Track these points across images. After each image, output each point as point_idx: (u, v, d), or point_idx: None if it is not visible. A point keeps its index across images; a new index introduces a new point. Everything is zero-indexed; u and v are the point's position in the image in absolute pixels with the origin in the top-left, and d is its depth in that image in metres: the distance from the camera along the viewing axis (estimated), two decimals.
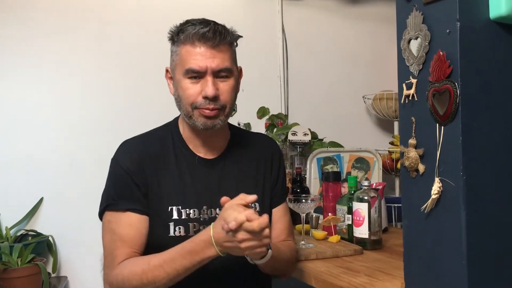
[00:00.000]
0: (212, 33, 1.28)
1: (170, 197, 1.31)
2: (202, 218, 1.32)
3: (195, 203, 1.32)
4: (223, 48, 1.31)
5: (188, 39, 1.28)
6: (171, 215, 1.30)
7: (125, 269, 1.24)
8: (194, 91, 1.29)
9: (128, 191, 1.30)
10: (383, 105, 2.56)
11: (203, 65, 1.27)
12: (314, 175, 2.31)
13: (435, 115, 1.01)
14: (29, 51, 2.27)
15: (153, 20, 2.44)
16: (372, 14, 2.85)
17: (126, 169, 1.31)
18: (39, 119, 2.28)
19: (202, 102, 1.29)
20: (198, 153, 1.38)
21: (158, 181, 1.32)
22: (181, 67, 1.30)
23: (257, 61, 2.63)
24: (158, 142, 1.38)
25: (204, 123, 1.31)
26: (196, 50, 1.28)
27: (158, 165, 1.33)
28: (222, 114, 1.32)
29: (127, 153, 1.34)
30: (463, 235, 0.96)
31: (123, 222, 1.28)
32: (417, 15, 1.05)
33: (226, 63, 1.31)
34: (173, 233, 1.30)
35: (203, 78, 1.29)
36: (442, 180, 1.00)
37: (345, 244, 1.63)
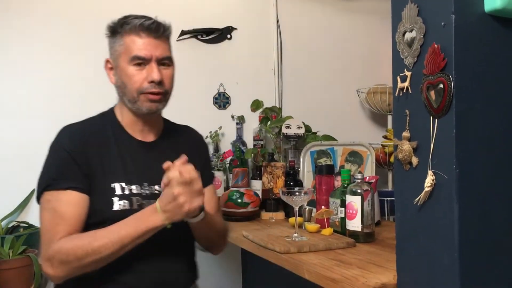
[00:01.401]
0: (157, 25, 1.40)
1: (112, 175, 1.38)
2: (144, 193, 1.40)
3: (136, 180, 1.41)
4: (164, 39, 1.43)
5: (133, 30, 1.38)
6: (114, 191, 1.37)
7: (68, 242, 1.28)
8: (140, 77, 1.38)
9: (70, 170, 1.35)
10: (377, 99, 2.56)
11: (148, 53, 1.38)
12: (308, 168, 2.31)
13: (429, 108, 1.01)
14: (17, 42, 2.25)
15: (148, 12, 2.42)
16: (367, 8, 2.85)
17: (68, 150, 1.37)
18: (31, 110, 2.26)
19: (148, 87, 1.39)
20: (136, 137, 1.48)
21: (100, 160, 1.39)
22: (126, 55, 1.39)
23: (252, 54, 2.63)
24: (98, 127, 1.46)
25: (149, 107, 1.40)
26: (142, 39, 1.38)
27: (99, 145, 1.41)
28: (164, 99, 1.43)
29: (68, 135, 1.41)
30: (456, 228, 0.96)
31: (64, 200, 1.33)
32: (412, 8, 1.05)
33: (168, 52, 1.43)
34: (117, 208, 1.36)
35: (148, 65, 1.39)
36: (435, 172, 1.00)
37: (338, 237, 1.64)
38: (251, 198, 2.09)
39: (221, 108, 2.57)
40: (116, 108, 1.51)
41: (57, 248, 1.28)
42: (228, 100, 2.58)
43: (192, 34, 2.51)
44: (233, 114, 2.57)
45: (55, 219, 1.31)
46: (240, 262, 2.59)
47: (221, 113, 2.57)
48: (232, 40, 2.59)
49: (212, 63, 2.56)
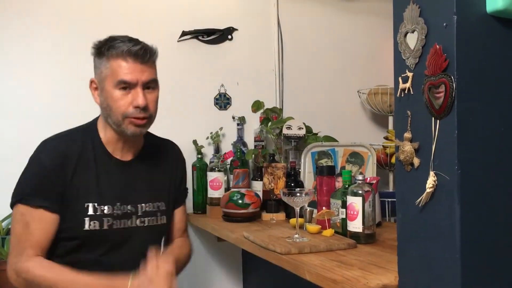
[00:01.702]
0: (144, 51, 1.43)
1: (86, 195, 1.44)
2: (115, 213, 1.47)
3: (109, 200, 1.47)
4: (150, 63, 1.47)
5: (120, 55, 1.41)
6: (87, 211, 1.43)
7: (37, 269, 1.36)
8: (125, 102, 1.42)
9: (45, 188, 1.40)
10: (378, 100, 2.56)
11: (134, 78, 1.41)
12: (309, 169, 2.31)
13: (431, 108, 1.01)
14: (17, 42, 2.25)
15: (150, 14, 2.43)
16: (368, 8, 2.84)
17: (46, 167, 1.41)
18: (31, 110, 2.26)
19: (133, 112, 1.42)
20: (115, 156, 1.53)
21: (76, 180, 1.44)
22: (112, 79, 1.42)
23: (252, 54, 2.63)
24: (78, 143, 1.49)
25: (133, 131, 1.45)
26: (128, 64, 1.41)
27: (77, 164, 1.45)
28: (149, 123, 1.48)
29: (48, 151, 1.45)
30: (457, 229, 0.96)
31: (36, 218, 1.39)
32: (414, 8, 1.05)
33: (153, 75, 1.47)
34: (87, 227, 1.43)
35: (133, 89, 1.42)
36: (437, 174, 1.00)
37: (339, 238, 1.63)
38: (252, 199, 2.09)
39: (222, 109, 2.57)
40: (99, 123, 1.55)
41: (27, 268, 1.36)
42: (229, 100, 2.58)
43: (193, 35, 2.51)
44: (234, 115, 2.56)
45: (26, 235, 1.39)
46: (241, 263, 2.58)
47: (222, 113, 2.57)
48: (233, 41, 2.59)
49: (213, 63, 2.56)
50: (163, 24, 2.46)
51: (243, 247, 1.81)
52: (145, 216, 1.54)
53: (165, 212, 1.59)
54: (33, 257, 1.38)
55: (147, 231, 1.54)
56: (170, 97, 2.45)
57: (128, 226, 1.50)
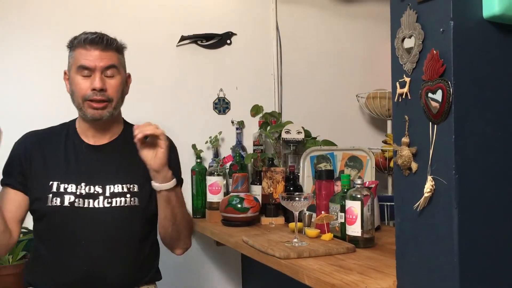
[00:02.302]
0: (100, 38, 1.55)
1: (52, 174, 1.57)
2: (78, 192, 1.55)
3: (74, 180, 1.56)
4: (110, 52, 1.57)
5: (81, 43, 1.55)
6: (51, 189, 1.55)
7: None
8: (85, 85, 1.54)
9: (13, 170, 1.59)
10: (376, 104, 2.57)
11: (92, 63, 1.53)
12: (307, 173, 2.31)
13: (428, 113, 1.01)
14: (16, 42, 2.25)
15: (148, 18, 2.44)
16: (366, 13, 2.85)
17: (16, 152, 1.61)
18: (29, 113, 2.26)
19: (91, 94, 1.54)
20: (87, 142, 1.63)
21: (44, 162, 1.58)
22: (74, 66, 1.56)
23: (251, 59, 2.63)
24: (53, 133, 1.66)
25: (92, 114, 1.55)
26: (87, 51, 1.54)
27: (47, 149, 1.61)
28: (110, 107, 1.57)
29: (22, 140, 1.65)
30: (455, 233, 0.97)
31: (4, 195, 1.58)
32: (411, 14, 1.06)
33: (113, 62, 1.56)
34: (50, 203, 1.54)
35: (93, 74, 1.54)
36: (435, 178, 1.00)
37: (337, 242, 1.64)
38: (251, 203, 2.09)
39: (220, 113, 2.58)
40: (77, 118, 1.67)
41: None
42: (227, 105, 2.59)
43: (191, 40, 2.52)
44: (232, 119, 2.57)
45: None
46: (240, 268, 2.58)
47: (221, 118, 2.57)
48: (232, 46, 2.59)
49: (212, 68, 2.57)
50: (162, 29, 2.47)
51: (242, 252, 1.81)
52: (113, 197, 1.57)
53: (138, 194, 1.59)
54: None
55: (115, 212, 1.56)
56: (169, 101, 2.46)
57: (94, 206, 1.55)
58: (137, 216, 1.60)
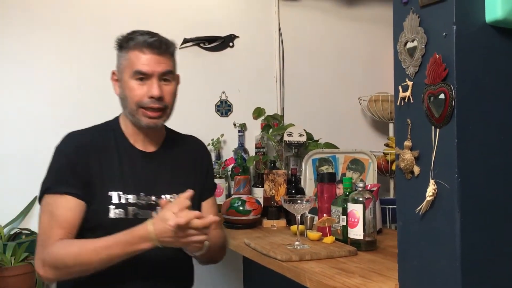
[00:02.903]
0: (159, 42, 1.45)
1: (110, 183, 1.44)
2: (139, 203, 1.45)
3: (133, 190, 1.45)
4: (167, 56, 1.47)
5: (137, 46, 1.44)
6: (111, 199, 1.42)
7: (60, 248, 1.33)
8: (140, 92, 1.43)
9: (68, 176, 1.41)
10: (379, 107, 2.57)
11: (149, 69, 1.43)
12: (309, 176, 2.31)
13: (431, 117, 1.02)
14: (22, 50, 2.27)
15: (151, 20, 2.44)
16: (368, 16, 2.86)
17: (69, 157, 1.43)
18: (33, 117, 2.27)
19: (148, 102, 1.43)
20: (137, 147, 1.52)
21: (100, 169, 1.44)
22: (129, 69, 1.44)
23: (254, 61, 2.64)
24: (102, 135, 1.51)
25: (147, 123, 1.45)
26: (144, 55, 1.43)
27: (100, 154, 1.46)
28: (164, 115, 1.48)
29: (71, 142, 1.47)
30: (457, 237, 0.97)
31: (61, 204, 1.38)
32: (413, 18, 1.06)
33: (170, 67, 1.47)
34: (112, 215, 1.42)
35: (149, 80, 1.44)
36: (437, 182, 1.00)
37: (339, 245, 1.64)
38: (252, 206, 2.09)
39: (223, 115, 2.58)
40: (121, 118, 1.56)
41: (50, 252, 1.33)
42: (230, 107, 2.59)
43: (194, 42, 2.53)
44: (235, 122, 2.57)
45: (51, 222, 1.37)
46: (242, 270, 2.58)
47: (223, 120, 2.58)
48: (234, 48, 2.60)
49: (214, 70, 2.57)
50: (165, 31, 2.43)
51: (244, 254, 1.81)
52: None
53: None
54: (56, 241, 1.35)
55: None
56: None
57: (152, 217, 1.41)
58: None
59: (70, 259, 1.31)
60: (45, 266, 1.33)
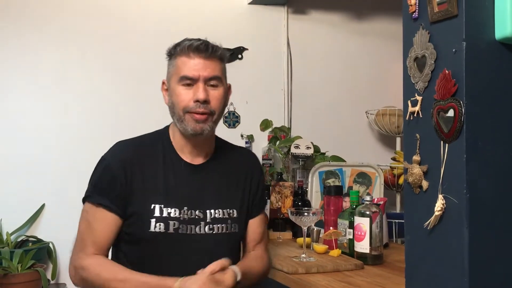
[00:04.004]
0: (205, 46, 1.42)
1: (153, 196, 1.42)
2: (182, 217, 1.42)
3: (176, 203, 1.42)
4: (214, 60, 1.44)
5: (184, 51, 1.42)
6: (153, 213, 1.41)
7: (94, 268, 1.37)
8: (187, 97, 1.41)
9: (106, 189, 1.41)
10: (386, 121, 2.58)
11: (196, 73, 1.41)
12: (316, 189, 2.31)
13: (440, 132, 1.02)
14: (30, 55, 2.30)
15: (161, 32, 2.47)
16: (376, 30, 2.87)
17: (110, 168, 1.42)
18: (41, 125, 2.30)
19: (193, 106, 1.40)
20: (185, 159, 1.48)
21: (144, 180, 1.43)
22: (176, 76, 1.43)
23: (262, 73, 2.66)
24: (149, 145, 1.49)
25: (194, 128, 1.41)
26: (191, 60, 1.41)
27: (145, 166, 1.44)
28: (210, 120, 1.43)
29: (117, 154, 1.46)
30: (466, 253, 0.96)
31: (97, 216, 1.41)
32: (423, 34, 1.07)
33: (217, 72, 1.44)
34: (153, 229, 1.40)
35: (195, 85, 1.41)
36: (446, 197, 1.00)
37: (346, 259, 1.63)
38: None
39: (230, 127, 2.60)
40: (170, 128, 1.53)
41: (85, 265, 1.37)
42: (237, 119, 2.61)
43: None
44: (242, 133, 2.58)
45: (88, 233, 1.41)
46: None
47: (231, 131, 2.59)
48: (243, 60, 2.62)
49: None
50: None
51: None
52: (215, 223, 1.45)
53: (237, 220, 1.49)
54: (92, 255, 1.39)
55: (216, 239, 1.45)
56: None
57: (196, 232, 1.43)
58: (235, 243, 1.53)
59: (99, 282, 1.35)
60: (76, 274, 1.39)
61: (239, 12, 2.63)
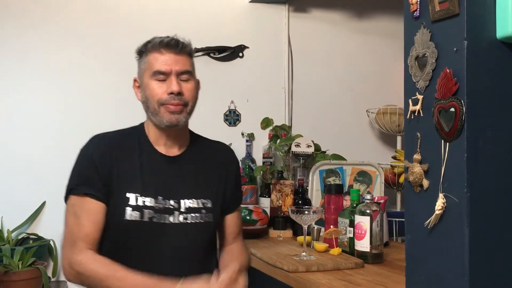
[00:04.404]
0: (175, 42, 1.49)
1: (129, 185, 1.46)
2: (156, 207, 1.46)
3: (151, 193, 1.47)
4: (184, 56, 1.51)
5: (155, 47, 1.48)
6: (129, 201, 1.45)
7: (90, 263, 1.38)
8: (160, 90, 1.47)
9: (90, 178, 1.45)
10: (387, 120, 2.58)
11: (168, 67, 1.47)
12: (316, 187, 2.31)
13: (441, 131, 1.02)
14: (32, 56, 2.30)
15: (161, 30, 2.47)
16: (377, 29, 2.87)
17: (91, 159, 1.47)
18: (42, 123, 2.30)
19: (168, 98, 1.46)
20: (160, 151, 1.54)
21: (120, 170, 1.47)
22: (149, 71, 1.48)
23: (263, 72, 2.65)
24: (125, 138, 1.55)
25: (169, 119, 1.47)
26: (162, 56, 1.47)
27: (122, 156, 1.49)
28: (185, 111, 1.49)
29: (95, 144, 1.51)
30: (466, 251, 0.97)
31: (85, 208, 1.44)
32: (424, 33, 1.07)
33: (188, 67, 1.51)
34: (128, 217, 1.44)
35: (168, 79, 1.47)
36: (446, 196, 1.01)
37: (346, 257, 1.64)
38: (259, 216, 2.09)
39: (231, 125, 2.60)
40: (145, 123, 1.59)
41: (80, 260, 1.38)
42: (238, 117, 2.61)
43: (204, 52, 2.55)
44: (243, 131, 2.58)
45: (77, 226, 1.43)
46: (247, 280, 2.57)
47: (231, 130, 2.59)
48: (244, 59, 2.62)
49: (224, 80, 2.59)
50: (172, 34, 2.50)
51: (250, 264, 1.81)
52: (189, 212, 1.49)
53: (211, 210, 1.53)
54: (85, 250, 1.40)
55: (190, 228, 1.49)
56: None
57: (170, 222, 1.47)
58: (209, 232, 1.56)
59: (96, 279, 1.36)
60: (71, 270, 1.40)
61: (240, 10, 2.63)
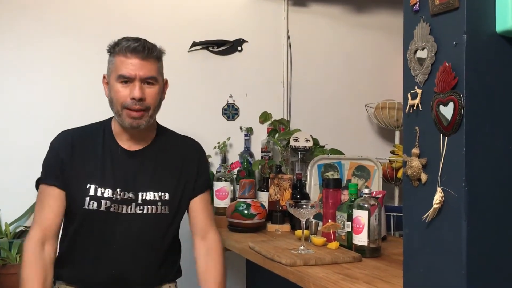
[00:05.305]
0: (142, 47, 1.54)
1: (90, 177, 1.57)
2: (114, 198, 1.57)
3: (110, 185, 1.57)
4: (151, 60, 1.57)
5: (122, 51, 1.54)
6: (88, 191, 1.56)
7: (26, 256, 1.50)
8: (124, 94, 1.54)
9: (55, 170, 1.58)
10: (385, 114, 2.57)
11: (132, 73, 1.53)
12: (315, 182, 2.31)
13: (439, 125, 1.02)
14: (31, 49, 2.29)
15: (160, 24, 2.46)
16: (377, 23, 2.87)
17: (56, 152, 1.59)
18: (41, 115, 2.29)
19: (130, 103, 1.54)
20: (122, 146, 1.63)
21: (83, 162, 1.59)
22: (115, 73, 1.56)
23: (262, 66, 2.65)
24: (91, 132, 1.65)
25: (130, 123, 1.56)
26: (128, 60, 1.54)
27: (86, 149, 1.61)
28: (146, 116, 1.57)
29: (61, 138, 1.63)
30: (464, 246, 0.97)
31: (48, 195, 1.57)
32: (424, 26, 1.07)
33: (153, 72, 1.57)
34: (87, 206, 1.55)
35: (132, 83, 1.54)
36: (444, 190, 1.01)
37: (344, 251, 1.64)
38: (257, 210, 2.10)
39: (229, 119, 2.59)
40: (112, 119, 1.68)
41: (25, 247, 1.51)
42: (237, 111, 2.60)
43: (203, 46, 2.54)
44: (241, 126, 2.58)
45: (39, 211, 1.57)
46: (245, 274, 2.58)
47: (230, 124, 2.59)
48: (243, 53, 2.62)
49: (222, 74, 2.59)
50: (174, 34, 2.49)
51: (248, 258, 1.82)
52: (145, 204, 1.59)
53: (168, 203, 1.62)
54: (34, 237, 1.51)
55: (145, 219, 1.59)
56: (179, 105, 2.48)
57: (126, 212, 1.57)
58: (165, 223, 1.65)
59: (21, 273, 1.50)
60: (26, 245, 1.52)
61: (239, 4, 2.62)
